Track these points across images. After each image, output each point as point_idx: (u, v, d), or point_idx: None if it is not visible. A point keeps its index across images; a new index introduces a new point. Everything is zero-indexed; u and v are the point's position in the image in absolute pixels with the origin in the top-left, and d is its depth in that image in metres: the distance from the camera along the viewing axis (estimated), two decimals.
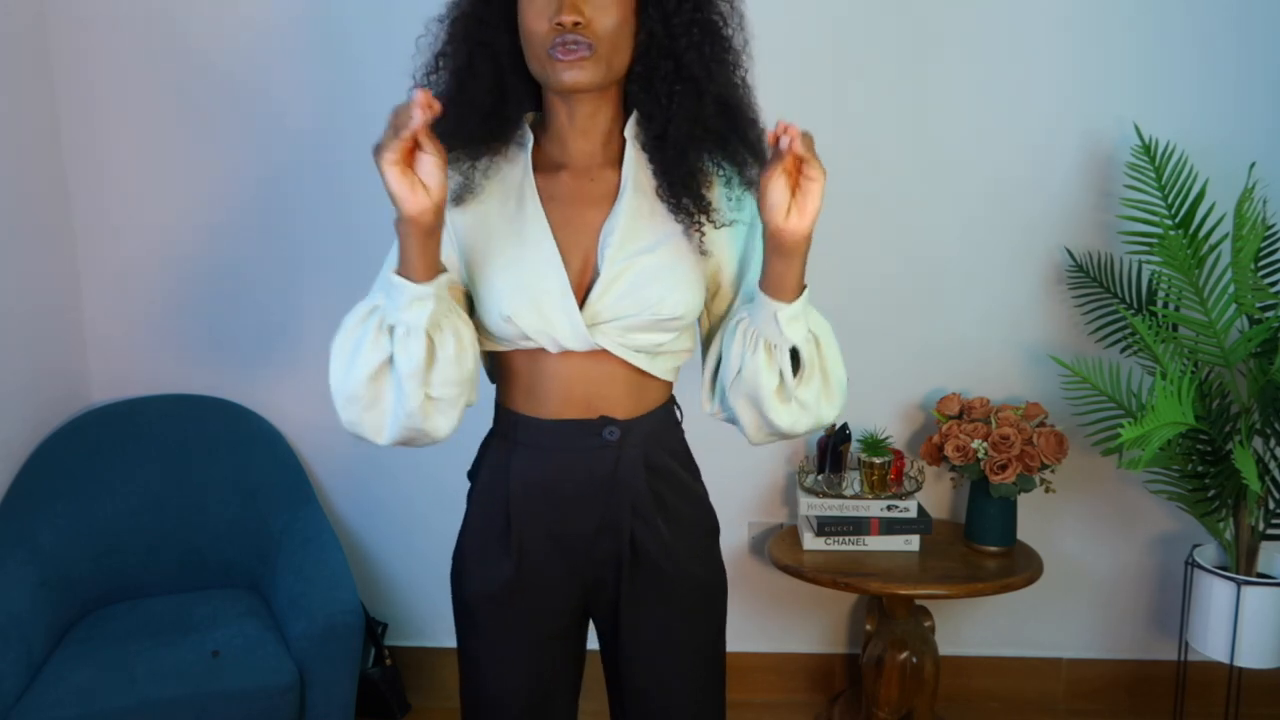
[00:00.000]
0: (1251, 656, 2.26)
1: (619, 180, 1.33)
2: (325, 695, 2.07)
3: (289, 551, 2.28)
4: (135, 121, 2.45)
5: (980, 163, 2.45)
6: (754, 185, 1.31)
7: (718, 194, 1.34)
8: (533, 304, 1.28)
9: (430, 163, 1.18)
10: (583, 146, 1.34)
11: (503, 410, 1.41)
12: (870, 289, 2.52)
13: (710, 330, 1.42)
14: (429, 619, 2.70)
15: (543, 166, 1.35)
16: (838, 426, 2.47)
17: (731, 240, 1.36)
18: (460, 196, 1.32)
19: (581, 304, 1.30)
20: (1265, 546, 2.34)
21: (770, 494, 2.63)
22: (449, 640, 2.77)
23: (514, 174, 1.34)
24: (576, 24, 1.21)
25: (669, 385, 1.42)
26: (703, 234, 1.31)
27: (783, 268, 1.30)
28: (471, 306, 1.35)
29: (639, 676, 1.42)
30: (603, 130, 1.34)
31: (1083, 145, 2.43)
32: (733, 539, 2.63)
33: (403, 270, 1.24)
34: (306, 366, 2.56)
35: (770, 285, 1.30)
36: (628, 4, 1.26)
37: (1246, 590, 2.24)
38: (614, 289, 1.29)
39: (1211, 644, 2.31)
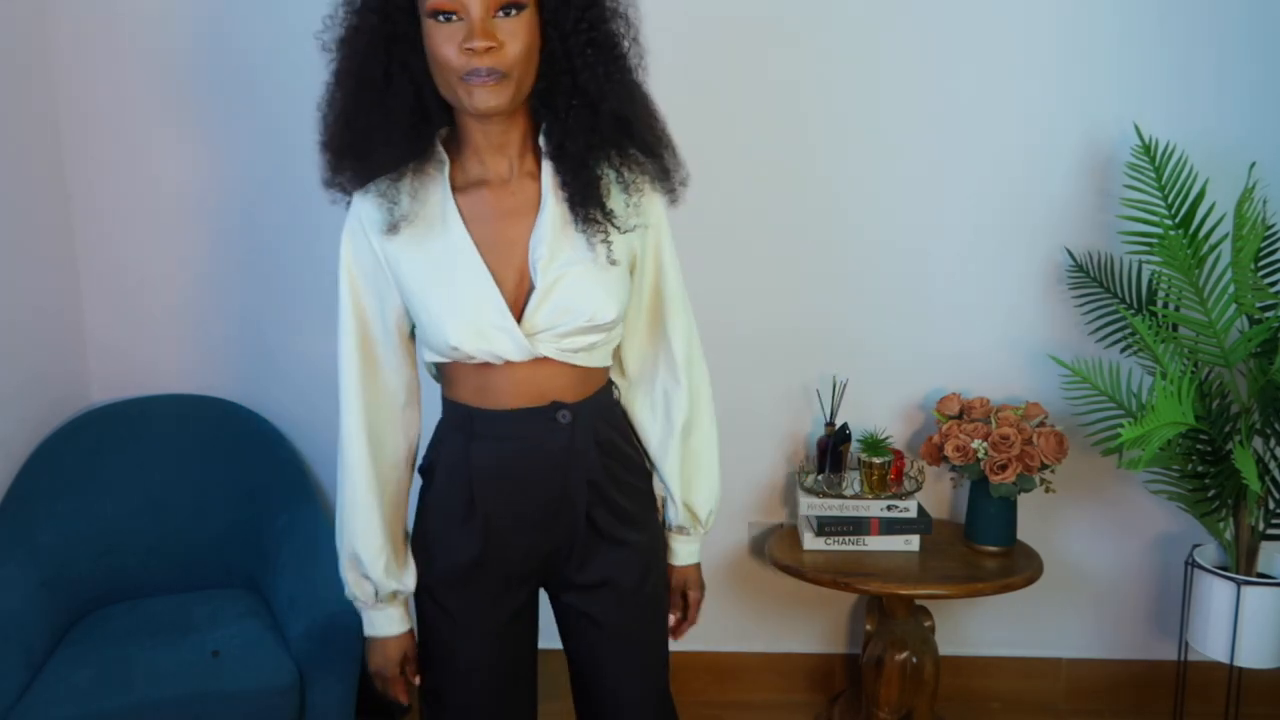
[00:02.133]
0: (1251, 656, 2.26)
1: (539, 190, 1.39)
2: (325, 695, 2.06)
3: (289, 551, 2.28)
4: (136, 121, 2.45)
5: (980, 163, 2.45)
6: (653, 181, 1.42)
7: (616, 200, 1.40)
8: (475, 331, 1.35)
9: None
10: (500, 161, 1.39)
11: (454, 404, 1.46)
12: (870, 289, 2.52)
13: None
14: None
15: (462, 185, 1.39)
16: (838, 426, 2.47)
17: (641, 240, 1.45)
18: (393, 225, 1.36)
19: (519, 314, 1.36)
20: (1265, 546, 2.34)
21: (770, 494, 2.63)
22: None
23: (434, 196, 1.37)
24: (490, 49, 1.25)
25: (606, 368, 1.50)
26: (609, 243, 1.38)
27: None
28: (412, 325, 1.45)
29: (591, 648, 1.53)
30: (517, 144, 1.39)
31: (1083, 145, 2.43)
32: (733, 539, 2.63)
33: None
34: (306, 366, 2.56)
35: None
36: (533, 28, 1.29)
37: (1246, 590, 2.24)
38: (549, 300, 1.36)
39: (1211, 644, 2.31)
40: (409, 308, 1.41)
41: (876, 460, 2.38)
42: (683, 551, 1.61)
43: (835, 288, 2.53)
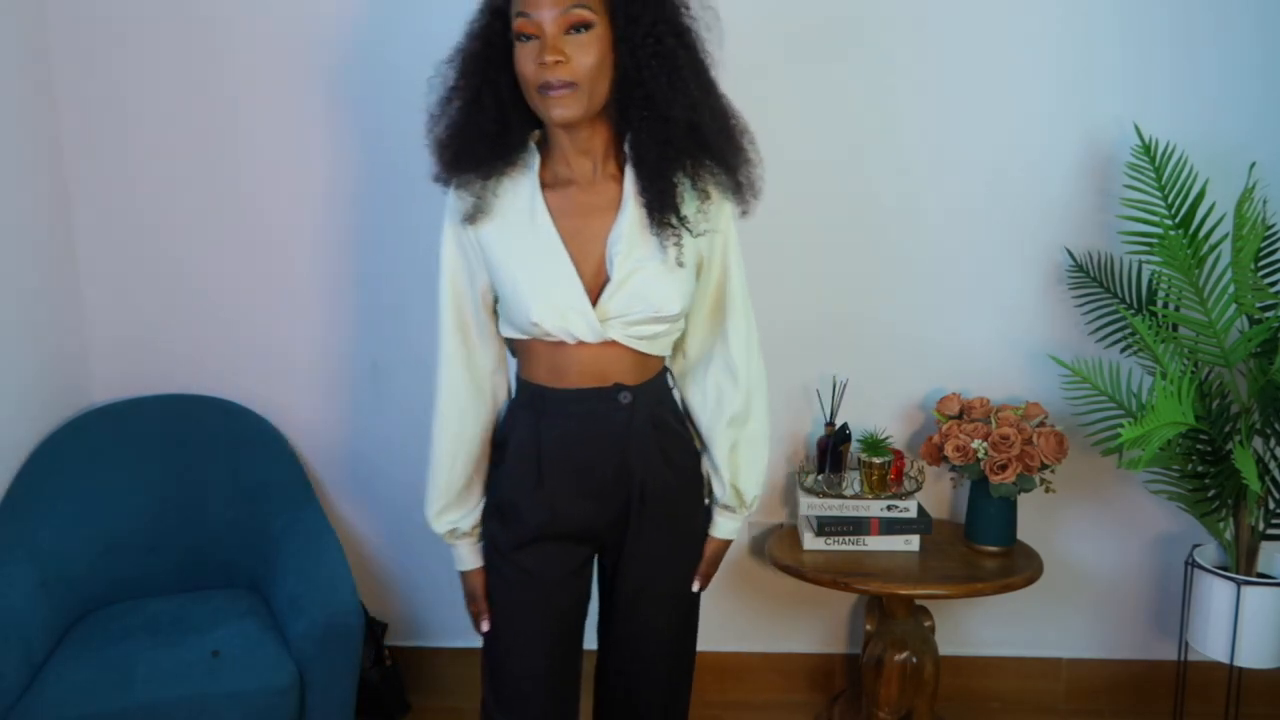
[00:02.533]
0: (1251, 656, 2.26)
1: (620, 192, 1.55)
2: (325, 695, 2.06)
3: (289, 551, 2.28)
4: (136, 121, 2.45)
5: (980, 163, 2.45)
6: (726, 192, 1.57)
7: (689, 206, 1.54)
8: (555, 311, 1.51)
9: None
10: (584, 163, 1.55)
11: (527, 384, 1.62)
12: (870, 288, 2.52)
13: (690, 314, 1.66)
14: (429, 619, 2.71)
15: (550, 183, 1.56)
16: (838, 426, 2.47)
17: (709, 245, 1.60)
18: (473, 216, 1.54)
19: (594, 301, 1.53)
20: (1265, 546, 2.34)
21: (770, 494, 2.63)
22: (449, 640, 2.79)
23: (523, 192, 1.55)
24: (558, 63, 1.41)
25: (664, 356, 1.66)
26: (680, 246, 1.52)
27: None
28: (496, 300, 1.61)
29: (629, 617, 1.69)
30: (600, 149, 1.55)
31: (1083, 145, 2.43)
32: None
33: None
34: (306, 366, 2.57)
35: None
36: (605, 42, 1.45)
37: (1246, 590, 2.24)
38: (622, 291, 1.52)
39: (1211, 644, 2.31)
40: (496, 288, 1.58)
41: (876, 460, 2.38)
42: (725, 526, 1.74)
43: (835, 287, 2.52)
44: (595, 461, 1.59)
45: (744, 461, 1.70)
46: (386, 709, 2.60)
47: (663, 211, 1.50)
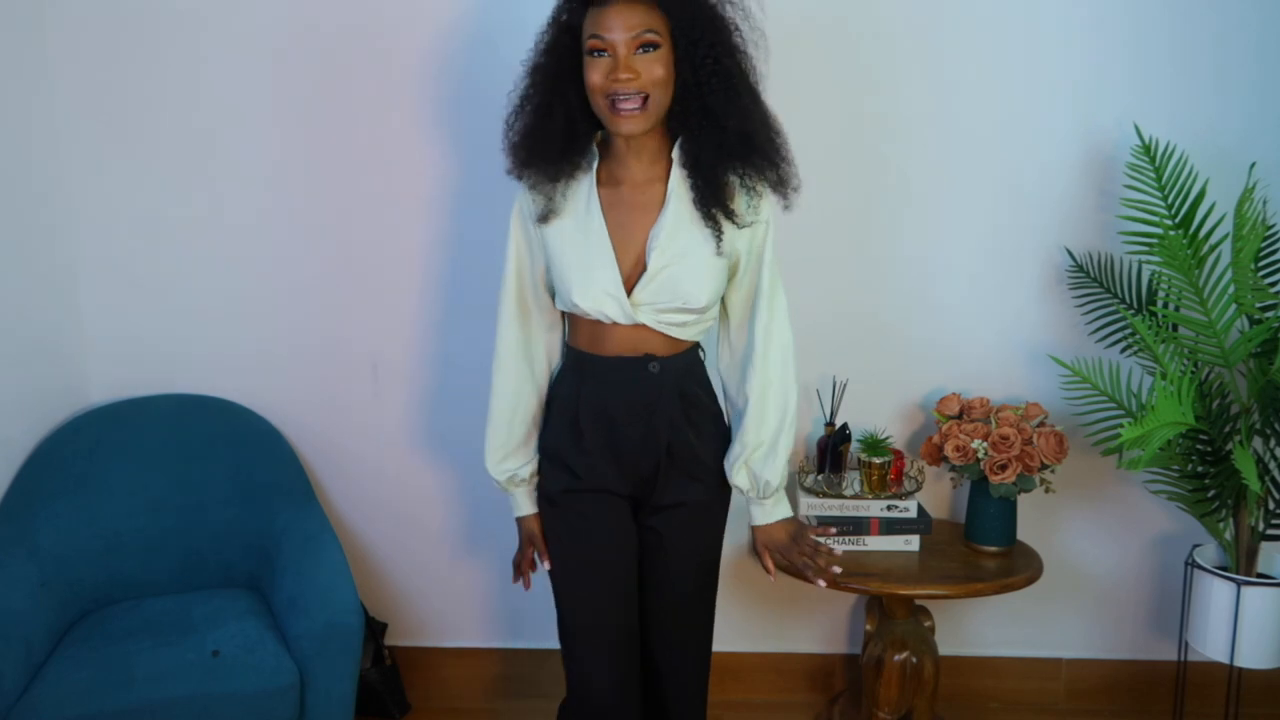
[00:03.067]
0: (1251, 657, 2.26)
1: (665, 192, 1.74)
2: (325, 695, 2.07)
3: (289, 551, 2.28)
4: (135, 120, 2.45)
5: (980, 163, 2.45)
6: (771, 187, 1.73)
7: (740, 201, 1.72)
8: (593, 295, 1.73)
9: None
10: (636, 166, 1.75)
11: (572, 350, 1.86)
12: (871, 288, 2.52)
13: (728, 300, 1.85)
14: (429, 619, 2.71)
15: (605, 181, 1.76)
16: (838, 426, 2.48)
17: (751, 235, 1.77)
18: (545, 217, 1.77)
19: (631, 289, 1.72)
20: (1265, 546, 2.34)
21: None
22: (449, 640, 2.80)
23: (584, 187, 1.76)
24: (630, 79, 1.60)
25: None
26: (721, 238, 1.71)
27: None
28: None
29: (659, 566, 1.86)
30: (651, 152, 1.74)
31: (1083, 145, 2.43)
32: (733, 539, 2.62)
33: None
34: (306, 366, 2.57)
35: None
36: (668, 60, 1.63)
37: (1246, 590, 2.24)
38: (655, 281, 1.72)
39: (1211, 644, 2.31)
40: (549, 270, 1.80)
41: (876, 460, 2.38)
42: (754, 513, 1.91)
43: (835, 287, 2.53)
44: (624, 422, 1.79)
45: (745, 446, 1.83)
46: (386, 709, 2.60)
47: (714, 205, 1.69)
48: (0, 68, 2.26)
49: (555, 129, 1.70)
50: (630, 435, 1.79)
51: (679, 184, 1.72)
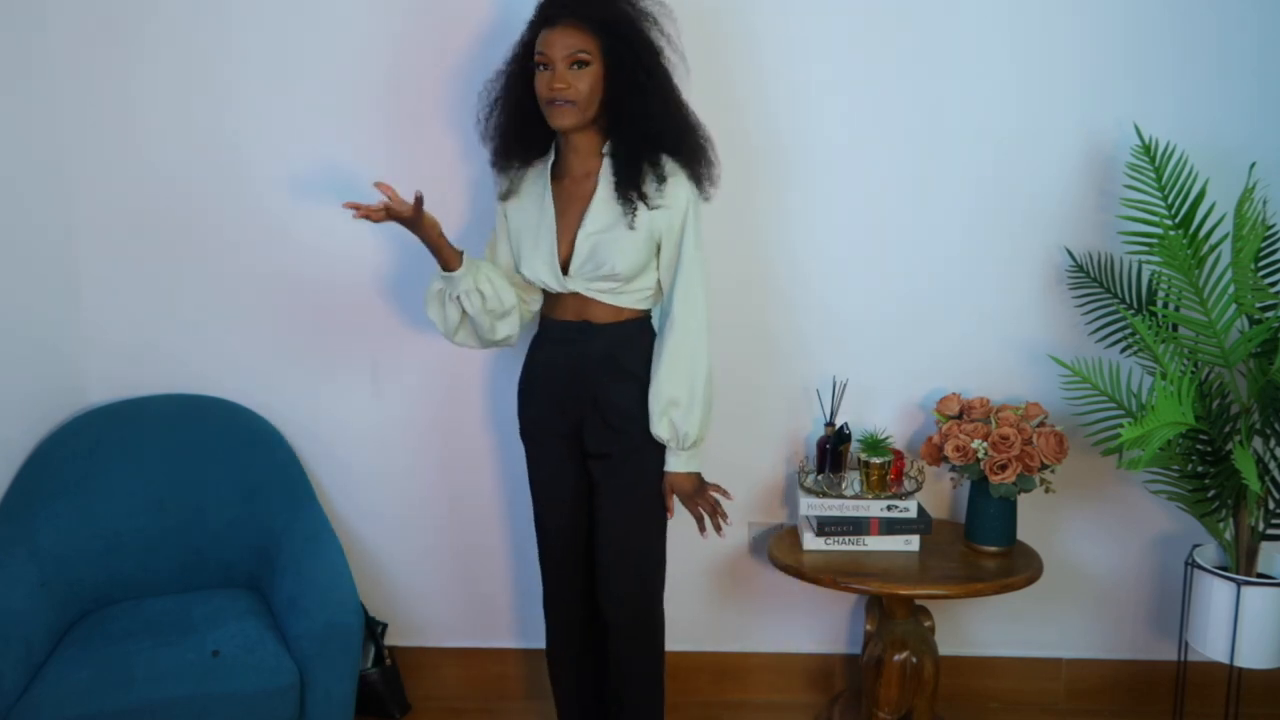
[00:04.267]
0: (1251, 656, 2.26)
1: (595, 187, 2.08)
2: (325, 695, 2.07)
3: (289, 551, 2.28)
4: (135, 120, 2.46)
5: (980, 163, 2.45)
6: (690, 178, 2.06)
7: (650, 188, 2.04)
8: (532, 267, 2.11)
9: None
10: (575, 160, 2.09)
11: (540, 315, 2.22)
12: (870, 289, 2.52)
13: (661, 274, 2.12)
14: (429, 619, 2.71)
15: (558, 175, 2.11)
16: (838, 426, 2.48)
17: (669, 217, 2.06)
18: (506, 195, 2.16)
19: (567, 264, 2.08)
20: (1265, 546, 2.34)
21: (770, 494, 2.63)
22: (449, 640, 2.79)
23: (541, 177, 2.12)
24: (562, 88, 1.96)
25: (646, 310, 2.15)
26: (634, 214, 2.02)
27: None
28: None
29: (598, 506, 2.16)
30: (586, 149, 2.08)
31: (1083, 145, 2.43)
32: (733, 539, 2.63)
33: (443, 267, 2.08)
34: (307, 367, 2.57)
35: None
36: (597, 76, 1.98)
37: (1246, 590, 2.24)
38: (581, 254, 2.06)
39: (1211, 644, 2.31)
40: (513, 251, 2.16)
41: (876, 460, 2.38)
42: (670, 460, 2.13)
43: (835, 287, 2.53)
44: (562, 377, 2.13)
45: (659, 396, 2.07)
46: (386, 709, 2.60)
47: (629, 188, 2.02)
48: (0, 68, 2.26)
49: (516, 123, 2.08)
50: (565, 389, 2.13)
51: (606, 174, 2.05)
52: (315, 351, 2.57)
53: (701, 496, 2.15)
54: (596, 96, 1.99)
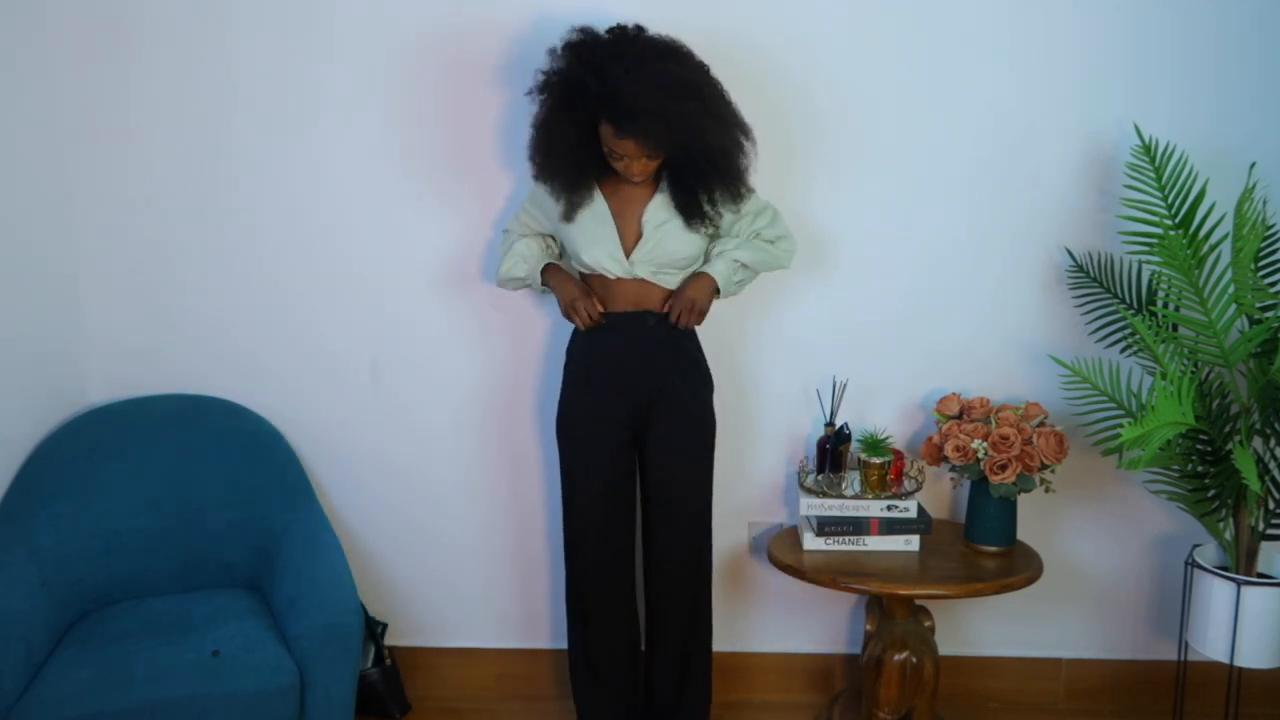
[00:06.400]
0: (1251, 656, 2.26)
1: (654, 188, 2.26)
2: (325, 695, 2.07)
3: (289, 551, 2.28)
4: (134, 119, 2.45)
5: (980, 163, 2.45)
6: (726, 203, 2.24)
7: (706, 210, 2.23)
8: (594, 256, 2.23)
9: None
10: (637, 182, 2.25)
11: None
12: (871, 289, 2.52)
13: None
14: (429, 619, 2.71)
15: (609, 180, 2.25)
16: (838, 426, 2.48)
17: (731, 218, 2.28)
18: (568, 215, 2.24)
19: (631, 252, 2.23)
20: (1265, 546, 2.34)
21: (770, 494, 2.63)
22: (449, 640, 2.79)
23: (594, 190, 2.25)
24: (639, 174, 2.17)
25: None
26: (686, 219, 2.23)
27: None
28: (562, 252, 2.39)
29: (659, 472, 2.31)
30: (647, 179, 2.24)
31: (1083, 145, 2.43)
32: (733, 539, 2.63)
33: (547, 281, 2.32)
34: (307, 367, 2.57)
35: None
36: (663, 155, 2.15)
37: (1246, 590, 2.24)
38: (650, 241, 2.22)
39: (1211, 644, 2.31)
40: (565, 241, 2.30)
41: (876, 460, 2.38)
42: (708, 267, 2.28)
43: (835, 288, 2.53)
44: (625, 369, 2.26)
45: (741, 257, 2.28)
46: (386, 709, 2.60)
47: (690, 216, 2.22)
48: (1, 70, 2.26)
49: (573, 163, 2.20)
50: (629, 379, 2.26)
51: (668, 189, 2.23)
52: (315, 351, 2.57)
53: (682, 301, 2.25)
54: (658, 159, 2.17)
